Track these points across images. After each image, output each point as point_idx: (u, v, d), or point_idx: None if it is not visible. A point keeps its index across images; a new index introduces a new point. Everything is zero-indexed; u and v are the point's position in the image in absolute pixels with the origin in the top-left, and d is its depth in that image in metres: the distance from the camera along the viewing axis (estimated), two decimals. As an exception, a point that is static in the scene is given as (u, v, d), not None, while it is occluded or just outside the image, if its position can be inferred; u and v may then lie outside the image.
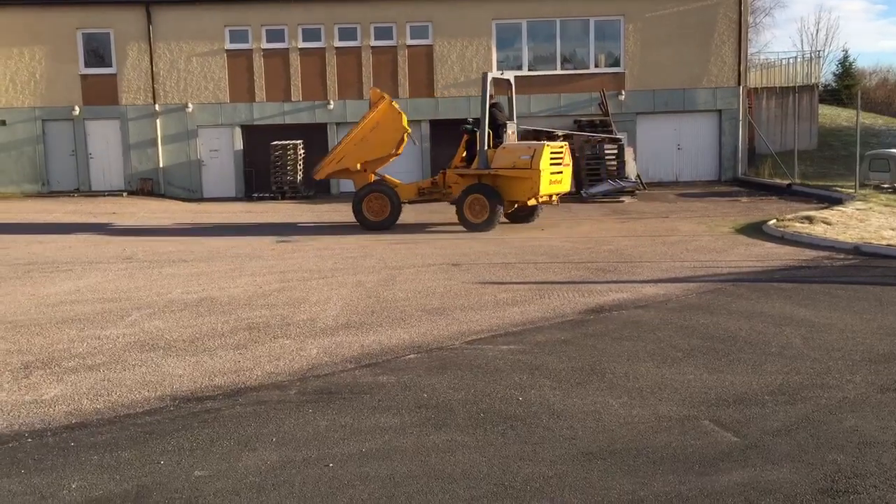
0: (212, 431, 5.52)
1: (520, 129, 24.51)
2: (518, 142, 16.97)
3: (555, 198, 16.68)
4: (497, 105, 16.71)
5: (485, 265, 11.89)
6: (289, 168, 24.17)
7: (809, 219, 15.15)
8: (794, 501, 4.38)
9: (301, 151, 24.34)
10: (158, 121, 25.36)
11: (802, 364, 6.82)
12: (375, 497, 4.51)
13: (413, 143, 17.02)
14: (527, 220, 16.92)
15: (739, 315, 8.52)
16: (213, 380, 6.65)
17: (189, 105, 25.19)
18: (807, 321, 8.23)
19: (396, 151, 16.93)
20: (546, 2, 25.05)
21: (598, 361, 6.98)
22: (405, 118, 16.86)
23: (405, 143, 16.98)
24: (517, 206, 16.55)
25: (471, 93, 24.12)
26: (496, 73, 16.75)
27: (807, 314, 8.52)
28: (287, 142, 24.24)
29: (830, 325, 8.05)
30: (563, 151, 16.49)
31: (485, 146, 16.06)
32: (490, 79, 16.25)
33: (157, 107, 25.28)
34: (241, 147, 25.61)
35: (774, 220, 15.50)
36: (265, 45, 25.19)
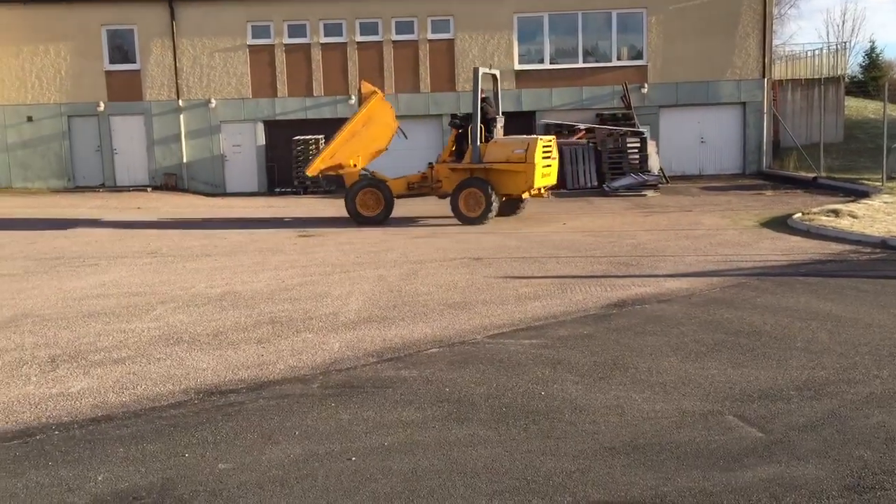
0: (235, 425, 5.55)
1: (541, 124, 24.59)
2: (508, 136, 17.05)
3: (544, 191, 16.83)
4: (487, 100, 16.90)
5: (506, 259, 11.87)
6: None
7: (836, 212, 14.98)
8: (820, 498, 4.33)
9: (323, 146, 24.38)
10: (182, 116, 25.55)
11: (828, 359, 6.74)
12: (398, 491, 4.52)
13: (404, 138, 17.14)
14: (513, 213, 17.11)
15: (764, 309, 8.44)
16: (237, 373, 6.69)
17: (212, 100, 25.36)
18: (833, 315, 8.13)
19: (385, 146, 17.08)
20: (568, -5, 24.98)
21: (621, 356, 6.94)
22: (393, 112, 17.07)
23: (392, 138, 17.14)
24: (504, 199, 16.63)
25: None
26: (485, 69, 16.91)
27: (833, 308, 8.42)
28: (309, 137, 24.34)
29: (857, 320, 7.95)
30: (552, 145, 16.75)
31: (477, 140, 16.20)
32: (481, 74, 16.41)
33: (181, 102, 25.47)
34: (264, 142, 25.76)
35: (800, 214, 15.34)
36: (287, 41, 25.28)
